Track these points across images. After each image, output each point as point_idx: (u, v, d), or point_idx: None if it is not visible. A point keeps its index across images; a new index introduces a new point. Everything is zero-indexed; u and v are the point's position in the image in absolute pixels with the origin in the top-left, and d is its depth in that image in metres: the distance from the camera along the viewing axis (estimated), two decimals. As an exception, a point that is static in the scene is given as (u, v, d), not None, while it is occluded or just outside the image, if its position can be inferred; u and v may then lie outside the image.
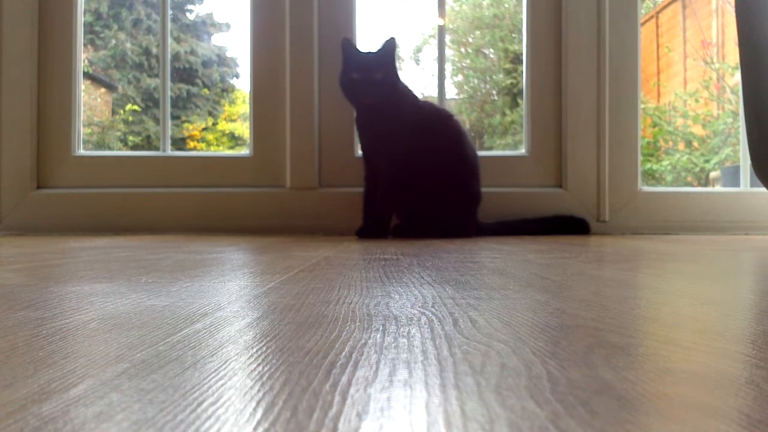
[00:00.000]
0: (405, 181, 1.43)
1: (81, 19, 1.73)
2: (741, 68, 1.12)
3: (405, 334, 0.34)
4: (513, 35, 4.51)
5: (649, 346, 0.33)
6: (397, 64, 1.46)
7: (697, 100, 3.49)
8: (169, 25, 1.76)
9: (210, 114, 5.56)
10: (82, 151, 1.72)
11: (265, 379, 0.26)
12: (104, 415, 0.21)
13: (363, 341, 0.33)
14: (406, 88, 1.48)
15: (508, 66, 4.43)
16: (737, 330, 0.37)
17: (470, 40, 4.78)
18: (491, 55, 4.70)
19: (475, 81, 4.75)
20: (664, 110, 3.74)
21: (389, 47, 1.43)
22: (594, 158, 1.65)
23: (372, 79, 1.40)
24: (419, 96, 1.55)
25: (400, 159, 1.42)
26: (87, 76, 4.61)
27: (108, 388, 0.24)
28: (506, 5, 4.64)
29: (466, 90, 4.74)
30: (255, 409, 0.22)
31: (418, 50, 4.94)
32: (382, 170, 1.44)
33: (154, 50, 5.29)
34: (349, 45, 1.44)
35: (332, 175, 1.68)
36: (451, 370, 0.27)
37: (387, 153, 1.43)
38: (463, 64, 4.79)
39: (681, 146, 3.54)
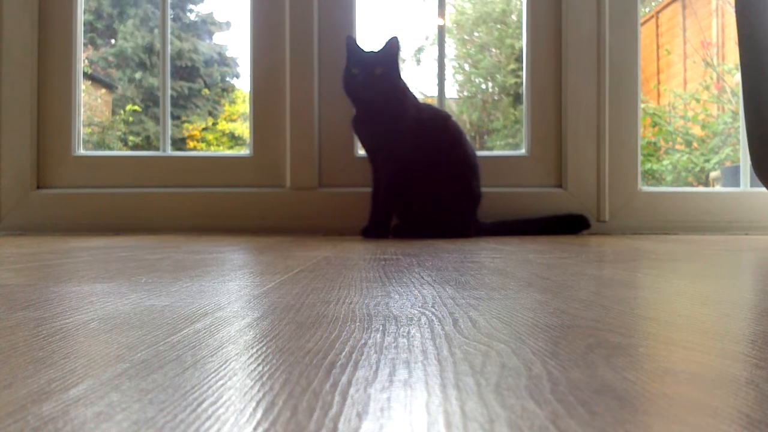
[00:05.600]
0: (405, 181, 1.43)
1: (81, 18, 1.73)
2: (741, 68, 1.12)
3: (405, 334, 0.34)
4: (519, 31, 4.50)
5: (649, 346, 0.33)
6: (400, 64, 1.46)
7: (697, 100, 3.49)
8: (169, 23, 1.76)
9: (210, 114, 5.55)
10: (82, 151, 1.72)
11: (265, 379, 0.26)
12: (104, 415, 0.21)
13: (363, 341, 0.33)
14: (406, 88, 1.48)
15: (513, 65, 4.42)
16: (737, 330, 0.37)
17: (475, 37, 4.77)
18: (497, 54, 4.68)
19: (479, 80, 4.74)
20: (664, 110, 3.74)
21: (392, 46, 1.43)
22: (594, 158, 1.65)
23: (371, 75, 1.39)
24: (419, 97, 1.55)
25: (400, 158, 1.42)
26: (87, 76, 4.61)
27: (108, 388, 0.24)
28: (514, 1, 4.63)
29: (468, 89, 4.73)
30: (255, 409, 0.22)
31: (420, 50, 4.94)
32: (382, 170, 1.44)
33: (158, 46, 5.29)
34: (352, 43, 1.45)
35: (332, 175, 1.68)
36: (451, 370, 0.27)
37: (388, 152, 1.43)
38: (466, 63, 4.78)
39: (681, 146, 3.54)
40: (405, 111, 1.44)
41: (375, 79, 1.39)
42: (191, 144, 5.20)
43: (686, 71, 3.78)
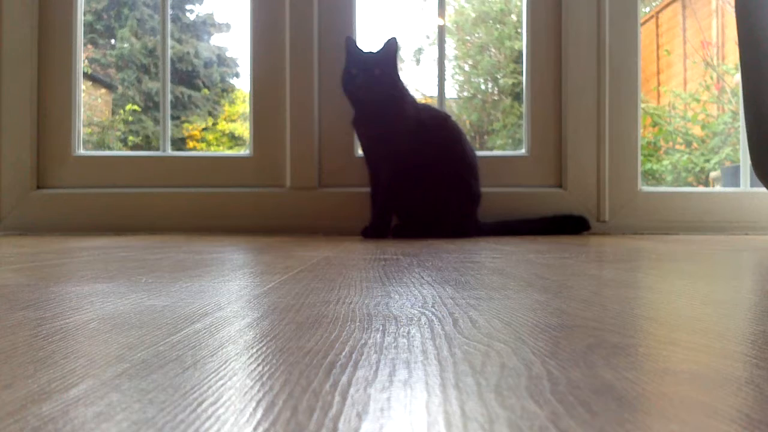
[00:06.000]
0: (404, 181, 1.43)
1: (81, 19, 1.73)
2: (741, 68, 1.12)
3: (405, 334, 0.34)
4: (518, 31, 4.49)
5: (649, 346, 0.33)
6: (399, 65, 1.46)
7: (697, 100, 3.49)
8: (169, 25, 1.76)
9: (210, 114, 5.56)
10: (82, 151, 1.72)
11: (265, 379, 0.26)
12: (104, 415, 0.21)
13: (363, 341, 0.33)
14: (405, 88, 1.48)
15: (513, 66, 4.41)
16: (737, 330, 0.37)
17: (475, 38, 4.77)
18: (496, 54, 4.68)
19: (479, 80, 4.74)
20: (664, 110, 3.74)
21: (390, 46, 1.43)
22: (594, 158, 1.65)
23: (370, 75, 1.39)
24: (418, 98, 1.54)
25: (400, 159, 1.42)
26: (87, 76, 4.61)
27: (108, 388, 0.24)
28: (513, 1, 4.62)
29: (468, 89, 4.73)
30: (255, 409, 0.22)
31: (419, 51, 4.93)
32: (382, 170, 1.44)
33: (159, 50, 5.31)
34: (351, 43, 1.45)
35: (332, 175, 1.68)
36: (451, 370, 0.27)
37: (388, 153, 1.43)
38: (466, 64, 4.78)
39: (681, 146, 3.54)
40: (404, 111, 1.44)
41: (374, 79, 1.40)
42: (191, 144, 5.20)
43: (686, 71, 3.78)
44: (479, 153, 1.57)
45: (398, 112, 1.43)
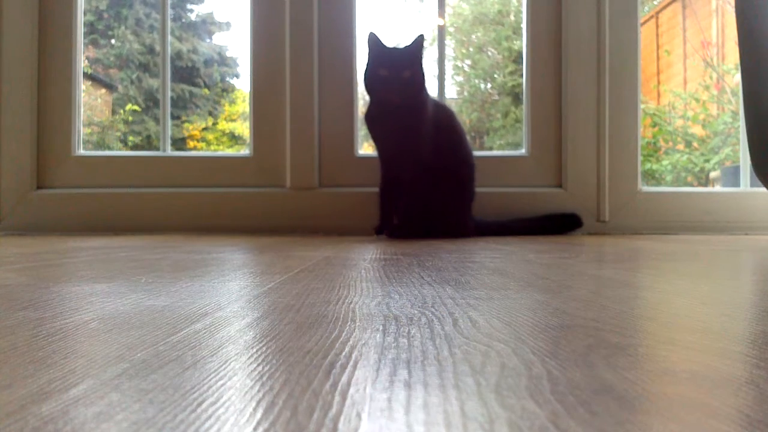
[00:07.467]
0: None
1: (81, 19, 1.73)
2: (741, 68, 1.12)
3: (405, 334, 0.34)
4: (516, 33, 4.49)
5: (649, 346, 0.33)
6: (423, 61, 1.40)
7: (697, 100, 3.49)
8: (169, 23, 1.76)
9: (210, 114, 5.56)
10: (82, 151, 1.72)
11: (265, 379, 0.26)
12: (104, 415, 0.21)
13: (363, 341, 0.33)
14: (427, 89, 1.44)
15: (511, 66, 4.41)
16: (737, 330, 0.37)
17: (473, 38, 4.77)
18: (495, 54, 4.67)
19: (478, 80, 4.74)
20: (664, 110, 3.74)
21: (418, 43, 1.37)
22: (594, 158, 1.65)
23: (400, 78, 1.34)
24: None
25: (419, 159, 1.39)
26: (87, 76, 4.61)
27: (108, 388, 0.24)
28: (511, 2, 4.62)
29: (467, 89, 4.73)
30: (255, 409, 0.22)
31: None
32: (401, 170, 1.40)
33: (158, 48, 5.32)
34: (375, 40, 1.38)
35: (332, 175, 1.68)
36: (451, 370, 0.27)
37: (404, 152, 1.39)
38: (465, 64, 4.78)
39: (681, 146, 3.54)
40: (427, 113, 1.40)
41: (405, 82, 1.35)
42: (191, 144, 5.20)
43: (686, 71, 3.78)
44: (479, 153, 1.57)
45: (421, 114, 1.39)
